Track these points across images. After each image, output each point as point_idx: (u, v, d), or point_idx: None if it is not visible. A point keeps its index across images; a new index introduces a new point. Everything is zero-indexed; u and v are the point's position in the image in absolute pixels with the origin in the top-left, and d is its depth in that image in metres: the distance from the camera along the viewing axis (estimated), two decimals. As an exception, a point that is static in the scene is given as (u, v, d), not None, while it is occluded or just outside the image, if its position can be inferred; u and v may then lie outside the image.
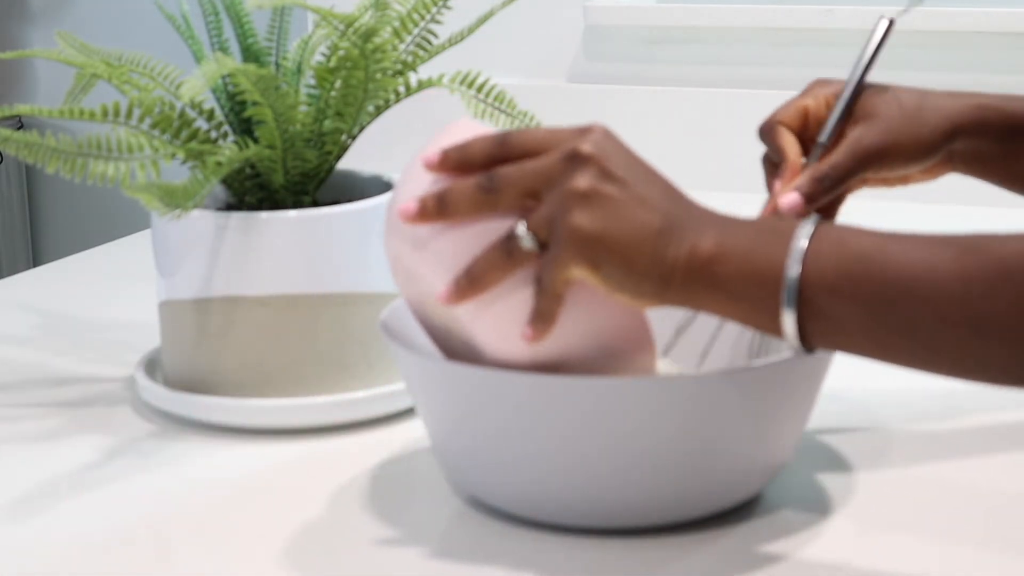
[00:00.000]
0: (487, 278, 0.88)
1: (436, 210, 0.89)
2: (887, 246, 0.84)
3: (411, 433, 1.10)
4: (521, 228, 0.88)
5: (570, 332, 0.91)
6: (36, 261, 3.19)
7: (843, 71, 1.08)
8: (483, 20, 1.18)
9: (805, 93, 1.07)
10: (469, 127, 0.94)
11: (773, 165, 1.06)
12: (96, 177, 1.04)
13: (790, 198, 1.01)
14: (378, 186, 1.21)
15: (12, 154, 1.03)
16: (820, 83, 1.07)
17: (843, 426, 1.11)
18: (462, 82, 1.16)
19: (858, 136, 1.03)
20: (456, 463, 0.98)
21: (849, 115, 1.04)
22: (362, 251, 1.14)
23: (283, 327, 1.12)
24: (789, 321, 0.85)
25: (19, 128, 2.44)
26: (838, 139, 1.04)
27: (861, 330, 0.84)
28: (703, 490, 0.94)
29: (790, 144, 1.04)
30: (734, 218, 0.89)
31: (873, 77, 1.07)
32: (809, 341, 0.86)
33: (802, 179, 1.02)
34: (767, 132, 1.05)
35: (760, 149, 1.09)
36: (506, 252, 0.88)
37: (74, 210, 3.17)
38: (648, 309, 0.90)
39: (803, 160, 1.05)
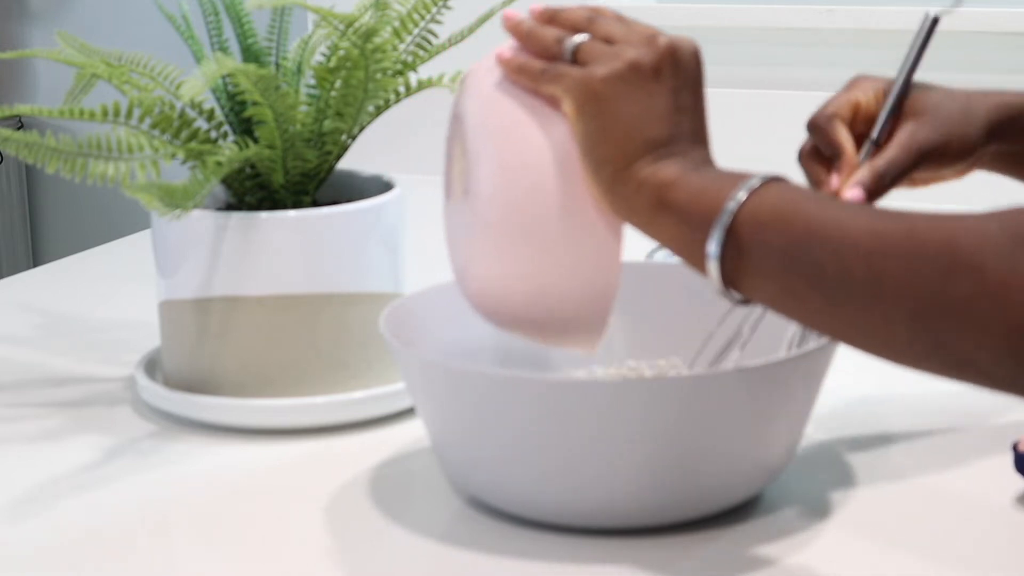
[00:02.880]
0: (533, 39, 0.93)
1: (547, 15, 0.95)
2: (823, 199, 0.85)
3: (411, 433, 1.10)
4: (580, 37, 0.92)
5: (552, 242, 0.91)
6: (36, 261, 3.18)
7: (843, 71, 1.08)
8: (483, 20, 1.18)
9: (852, 87, 1.06)
10: None
11: (820, 158, 1.05)
12: (96, 177, 1.04)
13: (854, 193, 1.01)
14: (378, 186, 1.21)
15: (12, 154, 1.03)
16: (864, 78, 1.07)
17: (843, 426, 1.11)
18: (462, 82, 1.16)
19: (912, 132, 1.03)
20: (456, 463, 0.98)
21: (899, 113, 1.04)
22: (362, 251, 1.14)
23: (283, 327, 1.12)
24: (714, 246, 0.85)
25: (19, 128, 2.43)
26: (888, 136, 1.04)
27: (776, 272, 0.84)
28: (703, 490, 0.94)
29: (847, 139, 1.03)
30: (712, 165, 0.90)
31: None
32: (730, 279, 0.86)
33: (864, 174, 1.01)
34: (822, 125, 1.04)
35: (756, 145, 1.08)
36: (557, 38, 0.92)
37: (74, 210, 3.17)
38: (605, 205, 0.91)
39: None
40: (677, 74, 0.90)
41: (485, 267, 0.93)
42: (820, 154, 1.04)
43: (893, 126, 1.04)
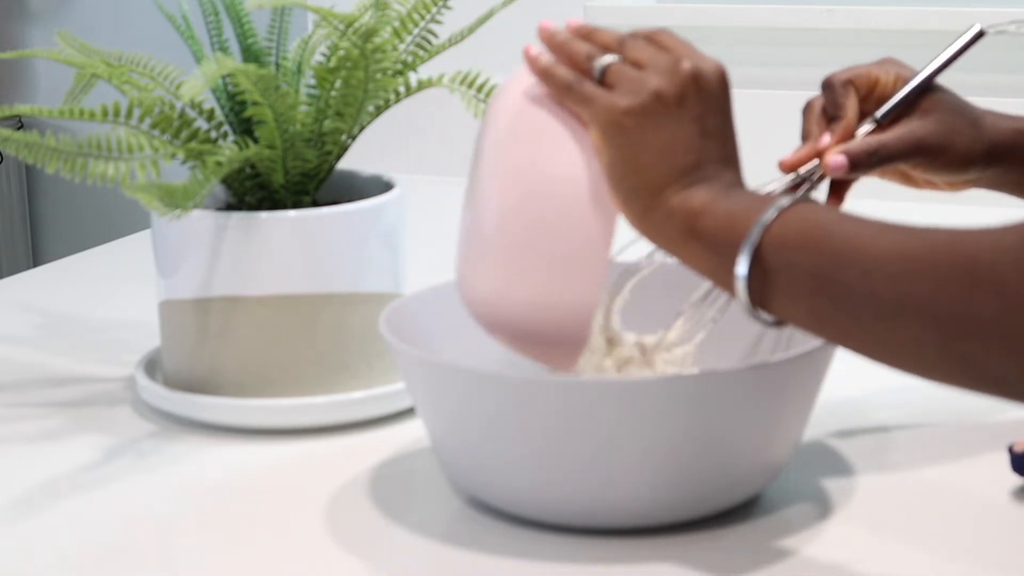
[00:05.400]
0: (565, 52, 0.94)
1: (582, 32, 0.95)
2: (849, 221, 0.85)
3: (411, 433, 1.10)
4: (609, 59, 0.92)
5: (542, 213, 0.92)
6: (36, 261, 3.18)
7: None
8: (483, 20, 1.18)
9: (878, 65, 1.08)
10: None
11: (824, 115, 1.06)
12: (96, 177, 1.04)
13: (838, 159, 1.02)
14: (378, 186, 1.21)
15: (12, 154, 1.03)
16: (892, 61, 1.08)
17: (843, 426, 1.11)
18: (462, 82, 1.16)
19: (914, 128, 1.05)
20: (456, 463, 0.98)
21: (910, 105, 1.05)
22: (362, 251, 1.14)
23: (283, 327, 1.12)
24: (742, 267, 0.86)
25: (19, 128, 2.43)
26: (891, 122, 1.05)
27: (803, 294, 0.85)
28: (703, 490, 0.94)
29: (853, 106, 1.05)
30: (741, 190, 0.90)
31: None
32: (759, 300, 0.86)
33: (855, 145, 1.03)
34: (838, 85, 1.05)
35: (756, 145, 1.09)
36: (588, 55, 0.93)
37: (74, 210, 3.17)
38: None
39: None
40: (701, 99, 0.91)
41: (476, 271, 0.94)
42: (823, 114, 1.06)
43: (900, 115, 1.05)
